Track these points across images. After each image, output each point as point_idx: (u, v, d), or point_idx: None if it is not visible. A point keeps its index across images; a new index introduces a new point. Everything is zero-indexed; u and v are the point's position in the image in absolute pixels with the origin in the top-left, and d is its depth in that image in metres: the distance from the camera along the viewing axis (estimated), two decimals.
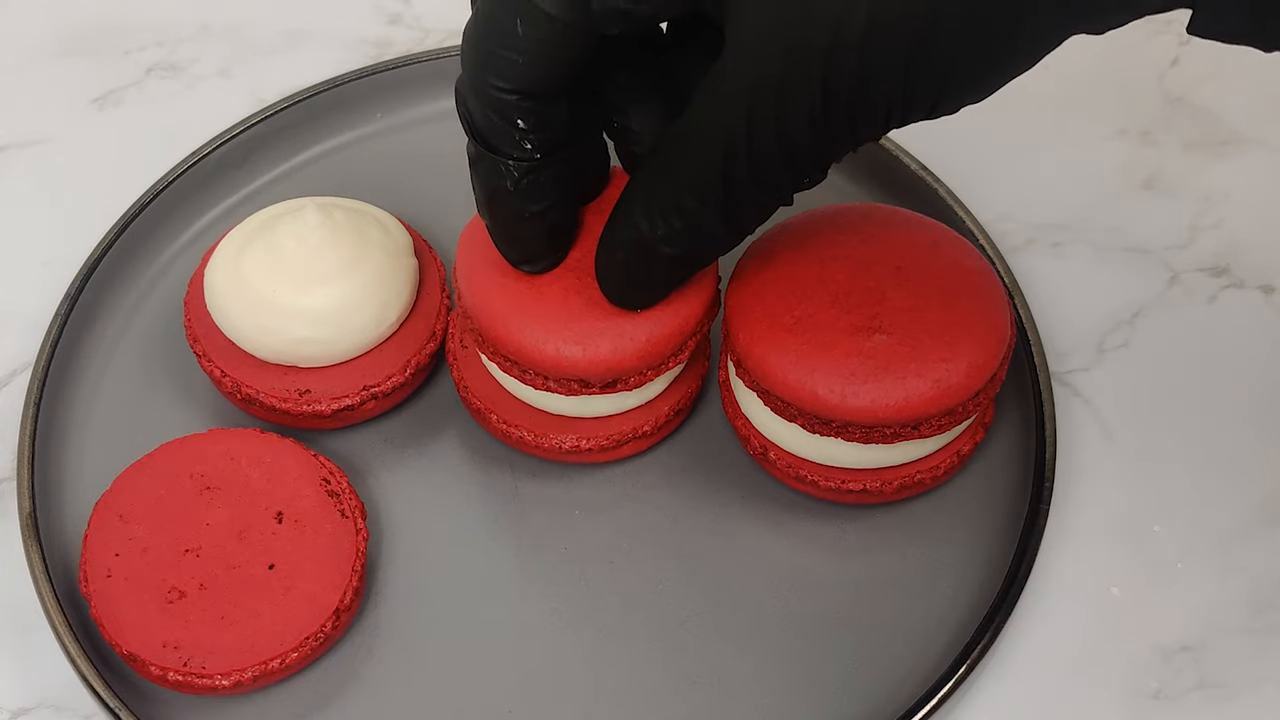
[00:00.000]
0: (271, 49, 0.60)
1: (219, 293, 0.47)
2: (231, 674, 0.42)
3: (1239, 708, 0.44)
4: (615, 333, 0.43)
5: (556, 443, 0.46)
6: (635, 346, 0.43)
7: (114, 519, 0.44)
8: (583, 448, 0.46)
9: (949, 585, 0.45)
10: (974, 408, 0.44)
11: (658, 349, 0.43)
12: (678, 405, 0.47)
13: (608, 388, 0.44)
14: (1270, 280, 0.53)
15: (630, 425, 0.46)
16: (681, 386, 0.47)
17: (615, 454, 0.47)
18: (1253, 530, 0.47)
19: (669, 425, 0.47)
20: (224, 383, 0.47)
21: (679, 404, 0.47)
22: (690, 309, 0.43)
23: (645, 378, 0.44)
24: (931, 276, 0.44)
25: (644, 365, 0.43)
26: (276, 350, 0.47)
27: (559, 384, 0.44)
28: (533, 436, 0.46)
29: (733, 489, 0.47)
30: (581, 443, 0.46)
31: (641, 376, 0.44)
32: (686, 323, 0.43)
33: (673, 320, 0.43)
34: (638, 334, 0.43)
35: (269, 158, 0.55)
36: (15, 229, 0.55)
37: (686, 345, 0.44)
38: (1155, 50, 0.60)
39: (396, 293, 0.47)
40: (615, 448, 0.47)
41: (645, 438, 0.47)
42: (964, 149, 0.55)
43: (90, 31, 0.61)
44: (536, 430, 0.46)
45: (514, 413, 0.47)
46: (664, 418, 0.47)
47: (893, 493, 0.46)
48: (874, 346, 0.43)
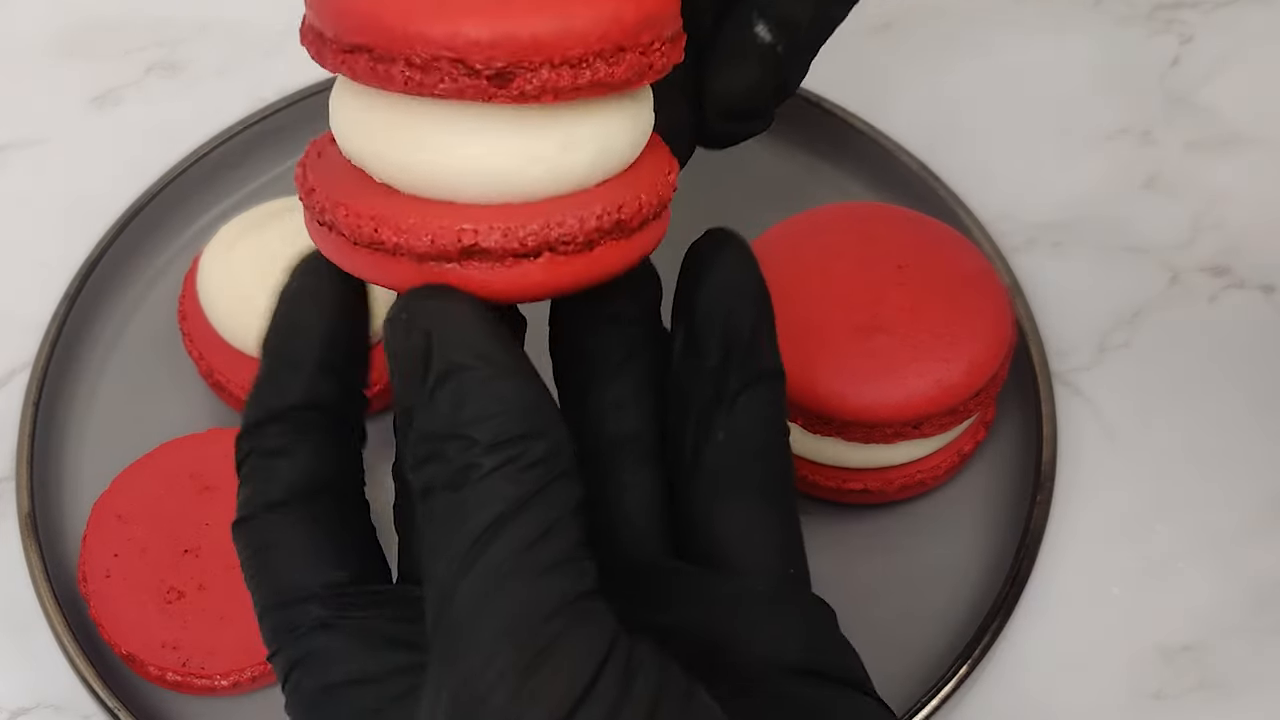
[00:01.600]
0: (270, 48, 0.60)
1: (208, 281, 0.48)
2: (230, 674, 0.42)
3: (1240, 707, 0.44)
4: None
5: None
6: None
7: (113, 519, 0.44)
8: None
9: (949, 585, 0.45)
10: (975, 407, 0.44)
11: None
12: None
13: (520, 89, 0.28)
14: (1271, 280, 0.53)
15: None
16: None
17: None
18: (1253, 530, 0.47)
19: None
20: (200, 364, 0.48)
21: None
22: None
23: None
24: (932, 276, 0.44)
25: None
26: (249, 343, 0.47)
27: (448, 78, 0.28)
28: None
29: None
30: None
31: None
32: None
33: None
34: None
35: (268, 158, 0.55)
36: (14, 229, 0.55)
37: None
38: (1156, 50, 0.59)
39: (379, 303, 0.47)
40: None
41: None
42: (964, 149, 0.55)
43: (89, 31, 0.61)
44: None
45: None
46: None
47: (894, 492, 0.46)
48: (875, 346, 0.43)
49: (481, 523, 0.25)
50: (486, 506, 0.25)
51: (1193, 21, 0.60)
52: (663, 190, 0.30)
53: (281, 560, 0.30)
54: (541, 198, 0.29)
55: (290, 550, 0.30)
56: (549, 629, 0.24)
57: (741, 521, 0.30)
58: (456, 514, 0.25)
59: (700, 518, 0.31)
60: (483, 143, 0.28)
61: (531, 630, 0.24)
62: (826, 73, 0.57)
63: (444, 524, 0.26)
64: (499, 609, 0.25)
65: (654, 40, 0.30)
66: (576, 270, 0.29)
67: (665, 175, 0.31)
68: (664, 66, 0.30)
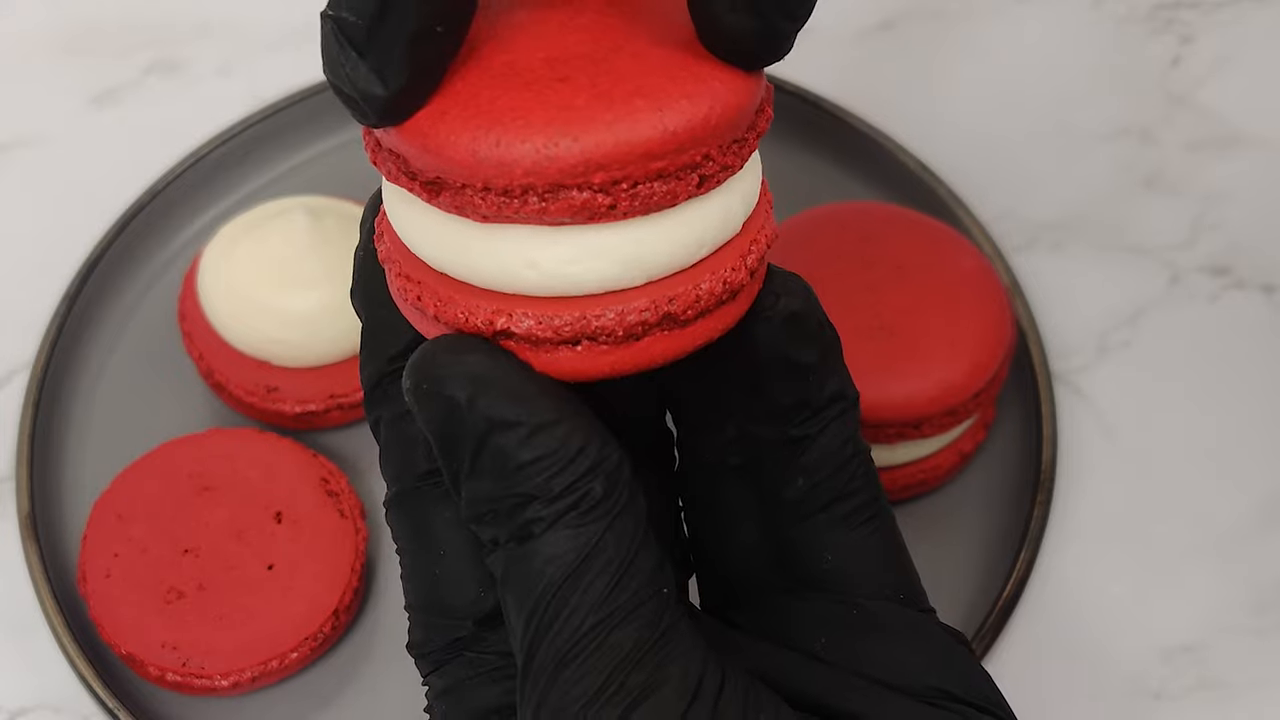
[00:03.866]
0: (271, 48, 0.60)
1: (208, 281, 0.48)
2: (230, 674, 0.42)
3: (1240, 708, 0.44)
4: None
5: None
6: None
7: (113, 519, 0.44)
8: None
9: (949, 585, 0.45)
10: (975, 407, 0.44)
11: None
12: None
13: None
14: (1271, 280, 0.53)
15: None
16: None
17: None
18: (1253, 530, 0.47)
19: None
20: (200, 364, 0.48)
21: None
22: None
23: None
24: (932, 276, 0.44)
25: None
26: (249, 344, 0.47)
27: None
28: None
29: None
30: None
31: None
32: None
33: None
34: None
35: (269, 157, 0.55)
36: (14, 228, 0.55)
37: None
38: (1157, 49, 0.59)
39: None
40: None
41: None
42: (964, 148, 0.55)
43: (89, 30, 0.61)
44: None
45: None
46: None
47: (894, 492, 0.46)
48: (875, 346, 0.43)
49: (553, 581, 0.25)
50: (554, 563, 0.25)
51: (1193, 21, 0.60)
52: (732, 277, 0.28)
53: (448, 567, 0.29)
54: (587, 294, 0.27)
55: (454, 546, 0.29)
56: (634, 681, 0.24)
57: (843, 543, 0.30)
58: (525, 572, 0.25)
59: (801, 543, 0.30)
60: (527, 254, 0.27)
61: (618, 687, 0.24)
62: (826, 73, 0.57)
63: (516, 583, 0.25)
64: (581, 672, 0.24)
65: (756, 122, 0.28)
66: (617, 360, 0.28)
67: (742, 258, 0.29)
68: (749, 153, 0.28)
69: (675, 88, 0.27)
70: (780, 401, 0.30)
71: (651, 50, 0.27)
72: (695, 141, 0.27)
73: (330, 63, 0.26)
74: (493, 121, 0.26)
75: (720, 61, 0.27)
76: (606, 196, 0.26)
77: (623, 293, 0.27)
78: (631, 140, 0.26)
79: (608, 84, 0.26)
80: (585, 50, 0.27)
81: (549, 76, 0.27)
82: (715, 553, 0.31)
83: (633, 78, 0.27)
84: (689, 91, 0.27)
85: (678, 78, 0.27)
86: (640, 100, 0.26)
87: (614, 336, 0.27)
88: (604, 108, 0.26)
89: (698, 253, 0.28)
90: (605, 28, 0.28)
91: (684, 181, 0.27)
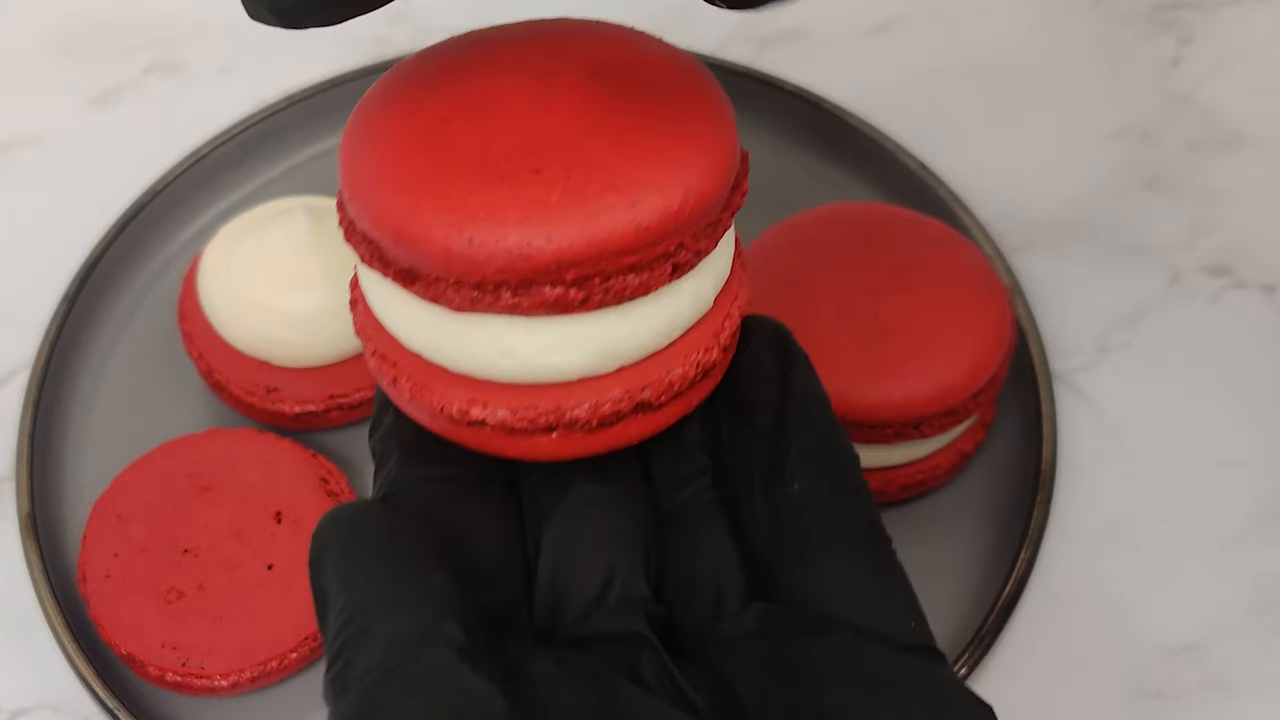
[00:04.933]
0: (270, 48, 0.60)
1: (208, 281, 0.48)
2: (230, 674, 0.42)
3: (1241, 708, 0.44)
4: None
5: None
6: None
7: (112, 519, 0.44)
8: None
9: (949, 585, 0.45)
10: (975, 407, 0.44)
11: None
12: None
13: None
14: (1272, 280, 0.53)
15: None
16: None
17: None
18: (1254, 530, 0.47)
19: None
20: (200, 364, 0.48)
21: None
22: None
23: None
24: (932, 276, 0.44)
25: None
26: (249, 343, 0.47)
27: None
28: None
29: None
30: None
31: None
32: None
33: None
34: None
35: (268, 157, 0.55)
36: (14, 228, 0.55)
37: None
38: (1157, 50, 0.59)
39: None
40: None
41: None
42: (964, 148, 0.55)
43: (89, 30, 0.61)
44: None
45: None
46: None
47: (894, 493, 0.46)
48: (875, 346, 0.42)
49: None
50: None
51: (1193, 21, 0.60)
52: (705, 358, 0.28)
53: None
54: (559, 382, 0.27)
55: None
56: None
57: (842, 571, 0.28)
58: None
59: (795, 576, 0.28)
60: (502, 343, 0.27)
61: None
62: (826, 73, 0.57)
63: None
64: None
65: (731, 199, 0.28)
66: (592, 443, 0.28)
67: (715, 336, 0.28)
68: (723, 232, 0.28)
69: (649, 177, 0.26)
70: (758, 423, 0.29)
71: (627, 133, 0.27)
72: (668, 234, 0.26)
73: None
74: (466, 219, 0.26)
75: (696, 141, 0.27)
76: (580, 290, 0.26)
77: (597, 381, 0.27)
78: (604, 238, 0.26)
79: (581, 176, 0.26)
80: (559, 137, 0.27)
81: (523, 167, 0.26)
82: (687, 582, 0.29)
83: (606, 168, 0.26)
84: (662, 182, 0.26)
85: (652, 165, 0.26)
86: (613, 195, 0.26)
87: (588, 426, 0.27)
88: (577, 204, 0.26)
89: (670, 337, 0.28)
90: (582, 103, 0.27)
91: (657, 272, 0.27)
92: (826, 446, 0.29)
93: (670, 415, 0.28)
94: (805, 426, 0.29)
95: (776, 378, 0.30)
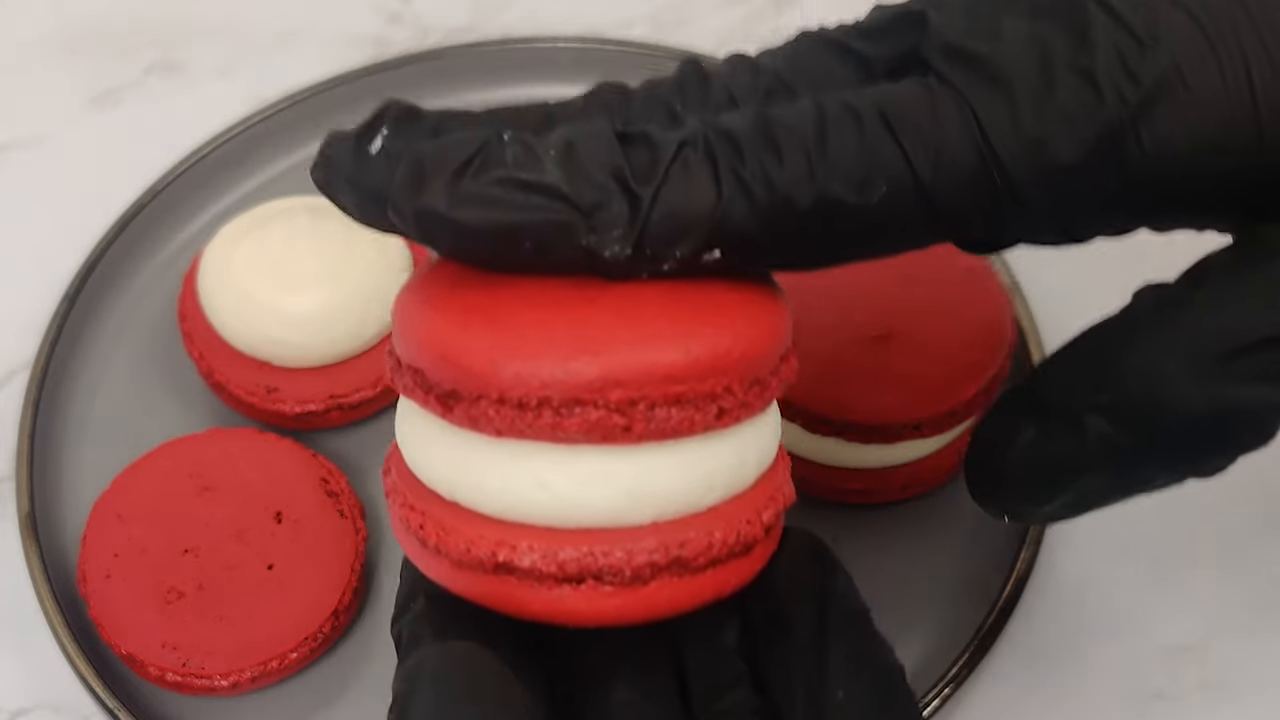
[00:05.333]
0: (270, 48, 0.60)
1: (208, 281, 0.48)
2: (230, 674, 0.42)
3: (1241, 708, 0.44)
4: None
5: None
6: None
7: (113, 519, 0.44)
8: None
9: (949, 585, 0.45)
10: (975, 407, 0.44)
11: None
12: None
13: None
14: None
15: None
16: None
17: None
18: (1255, 530, 0.47)
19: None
20: (200, 364, 0.48)
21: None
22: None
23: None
24: (932, 277, 0.44)
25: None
26: (249, 343, 0.47)
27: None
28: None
29: None
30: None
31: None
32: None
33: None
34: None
35: (268, 158, 0.55)
36: (13, 229, 0.55)
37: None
38: None
39: (376, 308, 0.47)
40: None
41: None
42: None
43: (89, 31, 0.61)
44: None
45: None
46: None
47: (894, 492, 0.46)
48: (875, 347, 0.42)
49: None
50: None
51: None
52: (746, 530, 0.27)
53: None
54: (593, 527, 0.27)
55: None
56: None
57: None
58: None
59: None
60: (538, 474, 0.27)
61: None
62: None
63: None
64: None
65: (780, 369, 0.28)
66: (622, 604, 0.27)
67: (758, 512, 0.28)
68: (770, 398, 0.28)
69: (701, 318, 0.27)
70: (799, 630, 0.29)
71: (683, 287, 0.27)
72: (717, 370, 0.26)
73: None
74: (514, 333, 0.26)
75: (751, 302, 0.28)
76: (622, 417, 0.26)
77: (632, 530, 0.27)
78: (654, 360, 0.26)
79: (633, 308, 0.26)
80: (614, 287, 0.27)
81: (575, 297, 0.26)
82: None
83: (659, 305, 0.27)
84: (715, 323, 0.27)
85: (704, 310, 0.27)
86: (665, 323, 0.26)
87: (621, 576, 0.26)
88: (628, 328, 0.26)
89: (708, 495, 0.27)
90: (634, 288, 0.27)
91: (702, 411, 0.26)
92: (869, 655, 0.29)
93: (707, 587, 0.27)
94: (848, 636, 0.29)
95: (816, 585, 0.29)
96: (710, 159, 0.27)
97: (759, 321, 0.28)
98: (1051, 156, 0.27)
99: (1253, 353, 0.28)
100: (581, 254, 0.26)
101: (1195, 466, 0.30)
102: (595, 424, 0.26)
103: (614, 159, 0.26)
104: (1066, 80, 0.27)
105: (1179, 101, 0.27)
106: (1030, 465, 0.30)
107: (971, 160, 0.27)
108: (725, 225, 0.27)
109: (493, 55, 0.56)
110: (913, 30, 0.29)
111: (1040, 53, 0.27)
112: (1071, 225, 0.30)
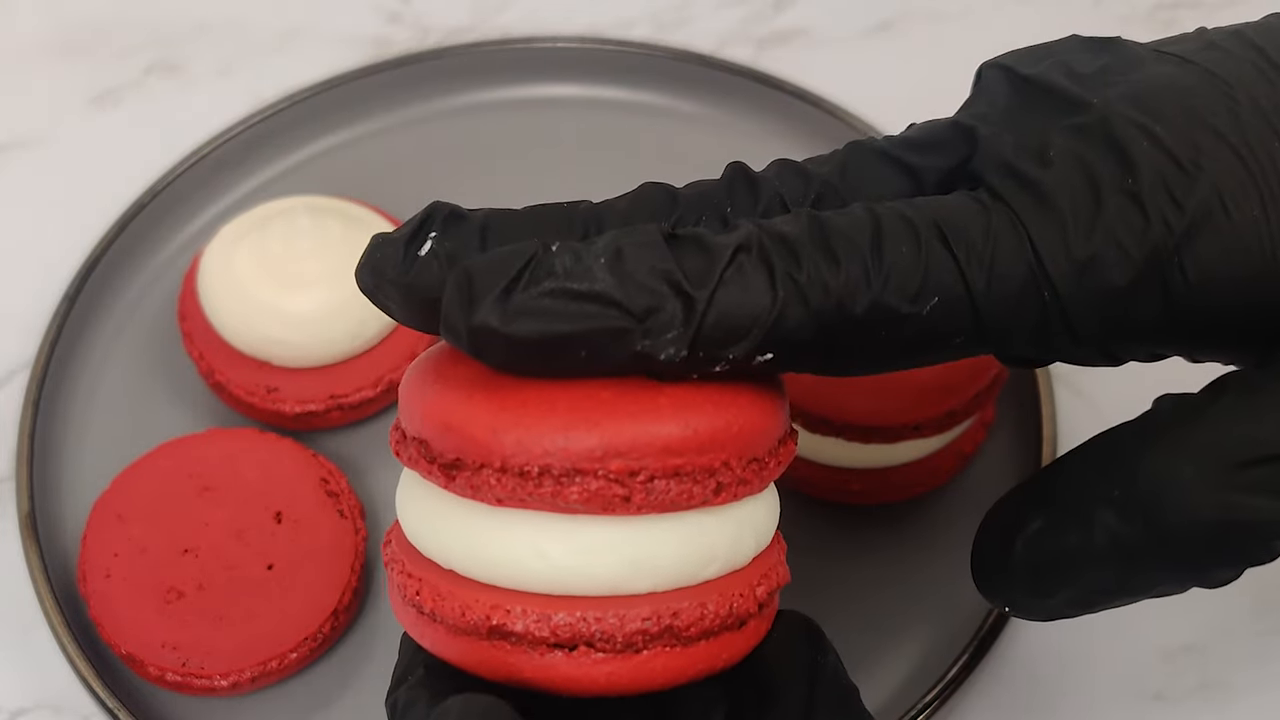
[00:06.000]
0: (270, 48, 0.60)
1: (208, 281, 0.48)
2: (230, 674, 0.42)
3: (1241, 709, 0.44)
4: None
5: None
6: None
7: (112, 519, 0.44)
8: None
9: (949, 585, 0.45)
10: (975, 408, 0.44)
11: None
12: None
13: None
14: None
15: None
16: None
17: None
18: None
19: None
20: (200, 364, 0.48)
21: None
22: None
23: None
24: None
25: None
26: (249, 343, 0.47)
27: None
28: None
29: None
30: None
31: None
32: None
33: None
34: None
35: (269, 157, 0.55)
36: (13, 229, 0.55)
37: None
38: None
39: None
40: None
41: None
42: None
43: (88, 31, 0.61)
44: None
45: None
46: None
47: (894, 493, 0.46)
48: None
49: None
50: None
51: (1193, 21, 0.60)
52: (740, 603, 0.28)
53: None
54: (588, 595, 0.27)
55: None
56: None
57: None
58: None
59: None
60: (537, 543, 0.27)
61: None
62: (826, 73, 0.57)
63: None
64: None
65: (778, 451, 0.29)
66: (614, 672, 0.27)
67: (752, 587, 0.28)
68: (768, 478, 0.29)
69: (701, 395, 0.27)
70: (789, 704, 0.29)
71: (681, 381, 0.28)
72: (716, 445, 0.27)
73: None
74: (517, 403, 0.27)
75: (750, 389, 0.28)
76: (622, 487, 0.26)
77: (626, 598, 0.27)
78: (653, 432, 0.26)
79: (635, 387, 0.27)
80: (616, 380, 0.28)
81: (580, 382, 0.27)
82: None
83: (662, 388, 0.27)
84: (715, 400, 0.27)
85: (704, 390, 0.27)
86: (665, 399, 0.27)
87: (613, 643, 0.27)
88: (629, 400, 0.27)
89: (705, 569, 0.28)
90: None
91: (701, 485, 0.27)
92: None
93: (699, 659, 0.28)
94: (837, 713, 0.29)
95: (807, 661, 0.30)
96: (766, 263, 0.27)
97: (758, 401, 0.28)
98: (1101, 278, 0.28)
99: (1265, 465, 0.28)
100: (636, 358, 0.27)
101: (1201, 574, 0.30)
102: (595, 494, 0.26)
103: (664, 262, 0.27)
104: (1114, 201, 0.28)
105: (1222, 230, 0.28)
106: (1037, 556, 0.31)
107: (1022, 276, 0.28)
108: (779, 329, 0.27)
109: (493, 55, 0.56)
110: (963, 145, 0.30)
111: (1088, 174, 0.28)
112: (1112, 347, 0.30)
